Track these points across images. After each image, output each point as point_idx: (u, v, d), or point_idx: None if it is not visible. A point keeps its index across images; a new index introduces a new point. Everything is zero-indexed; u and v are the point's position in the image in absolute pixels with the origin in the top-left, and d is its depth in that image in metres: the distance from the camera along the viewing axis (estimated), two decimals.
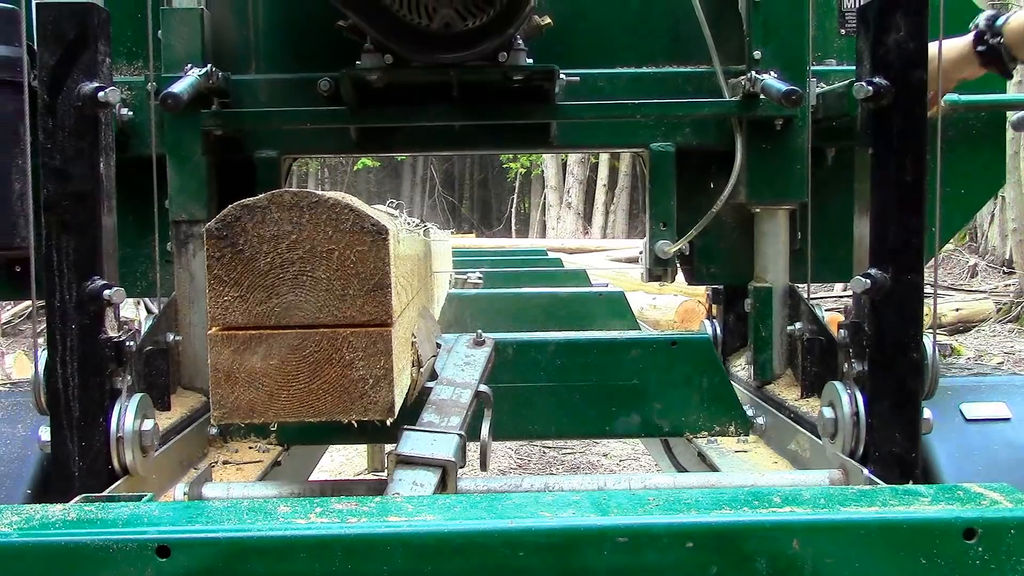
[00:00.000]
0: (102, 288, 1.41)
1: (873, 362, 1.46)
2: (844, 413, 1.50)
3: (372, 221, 1.16)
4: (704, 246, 2.07)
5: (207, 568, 0.96)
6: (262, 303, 1.16)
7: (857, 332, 1.50)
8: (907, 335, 1.45)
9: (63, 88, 1.42)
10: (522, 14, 1.62)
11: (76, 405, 1.40)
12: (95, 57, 1.44)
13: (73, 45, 1.43)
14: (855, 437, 1.49)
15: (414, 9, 1.57)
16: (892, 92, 1.44)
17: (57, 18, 1.42)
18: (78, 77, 1.42)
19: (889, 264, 1.45)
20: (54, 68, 1.43)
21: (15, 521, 1.00)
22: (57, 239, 1.42)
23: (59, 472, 1.41)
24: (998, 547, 0.98)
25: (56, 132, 1.42)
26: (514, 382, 1.80)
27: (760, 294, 1.98)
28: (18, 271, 1.96)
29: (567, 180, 20.99)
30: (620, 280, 7.14)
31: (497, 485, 1.47)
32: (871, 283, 1.45)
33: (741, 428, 1.87)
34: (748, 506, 1.03)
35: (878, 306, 1.46)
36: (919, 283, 1.46)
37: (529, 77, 1.77)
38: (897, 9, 1.43)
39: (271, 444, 1.82)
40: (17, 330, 7.70)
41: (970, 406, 1.55)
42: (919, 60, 1.44)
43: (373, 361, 1.17)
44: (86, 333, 1.40)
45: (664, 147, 1.99)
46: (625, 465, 4.91)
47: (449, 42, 1.61)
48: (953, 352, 6.94)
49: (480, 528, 0.99)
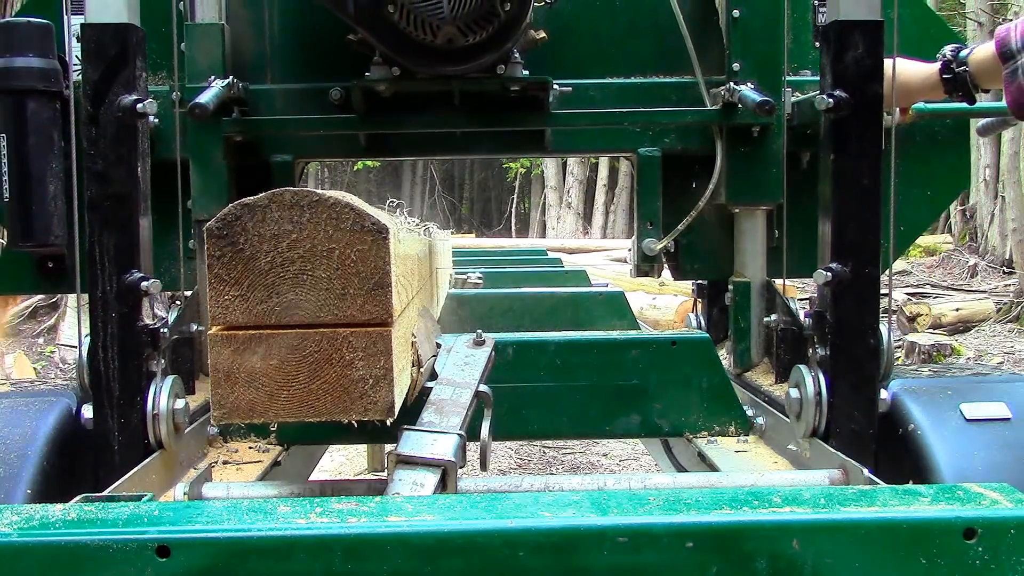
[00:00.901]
0: (139, 280, 1.57)
1: (834, 347, 1.62)
2: (808, 394, 1.64)
3: (372, 220, 1.16)
4: (688, 244, 2.22)
5: (207, 568, 0.96)
6: (263, 302, 1.16)
7: (820, 320, 1.66)
8: (864, 323, 1.61)
9: (105, 100, 1.58)
10: (518, 30, 1.76)
11: (116, 385, 1.56)
12: (134, 72, 1.60)
13: (114, 61, 1.59)
14: (818, 416, 1.64)
15: (419, 26, 1.70)
16: (850, 104, 1.60)
17: (100, 37, 1.58)
18: (118, 90, 1.58)
19: (848, 259, 1.61)
20: (97, 82, 1.58)
21: (15, 521, 1.00)
22: (99, 236, 1.57)
23: (100, 446, 1.56)
24: (998, 547, 0.98)
25: (98, 140, 1.58)
26: (514, 382, 1.80)
27: (739, 288, 2.12)
28: (51, 267, 2.13)
29: (567, 180, 21.00)
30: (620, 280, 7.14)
31: (497, 485, 1.47)
32: (832, 276, 1.61)
33: (741, 428, 1.87)
34: (748, 506, 1.03)
35: (838, 297, 1.61)
36: (876, 276, 1.62)
37: (525, 87, 1.92)
38: (855, 29, 1.59)
39: (271, 444, 1.82)
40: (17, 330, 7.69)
41: (970, 406, 1.55)
42: (875, 76, 1.60)
43: (373, 361, 1.17)
44: (125, 321, 1.56)
45: (651, 152, 2.13)
46: (625, 465, 4.91)
47: (451, 56, 1.76)
48: (953, 352, 6.94)
49: (480, 528, 0.99)
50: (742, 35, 2.05)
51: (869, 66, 1.60)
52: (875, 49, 1.60)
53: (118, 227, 1.58)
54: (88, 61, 1.60)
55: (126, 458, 1.54)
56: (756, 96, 1.88)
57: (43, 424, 1.52)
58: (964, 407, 1.54)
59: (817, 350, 1.67)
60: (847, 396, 1.61)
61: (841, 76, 1.61)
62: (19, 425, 1.53)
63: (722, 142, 2.08)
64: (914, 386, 1.62)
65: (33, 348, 7.51)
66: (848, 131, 1.62)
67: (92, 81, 1.59)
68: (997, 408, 1.54)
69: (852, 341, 1.62)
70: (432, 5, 1.67)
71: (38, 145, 1.97)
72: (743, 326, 2.11)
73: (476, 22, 1.70)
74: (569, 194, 20.88)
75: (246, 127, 2.04)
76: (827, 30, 1.65)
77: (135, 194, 1.60)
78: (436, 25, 1.70)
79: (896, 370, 1.76)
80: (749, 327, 2.11)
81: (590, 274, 4.39)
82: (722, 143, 2.08)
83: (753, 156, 2.06)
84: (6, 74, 1.96)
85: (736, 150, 2.07)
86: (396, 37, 1.73)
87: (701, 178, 2.12)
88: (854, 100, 1.60)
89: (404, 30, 1.71)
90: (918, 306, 8.38)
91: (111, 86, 1.59)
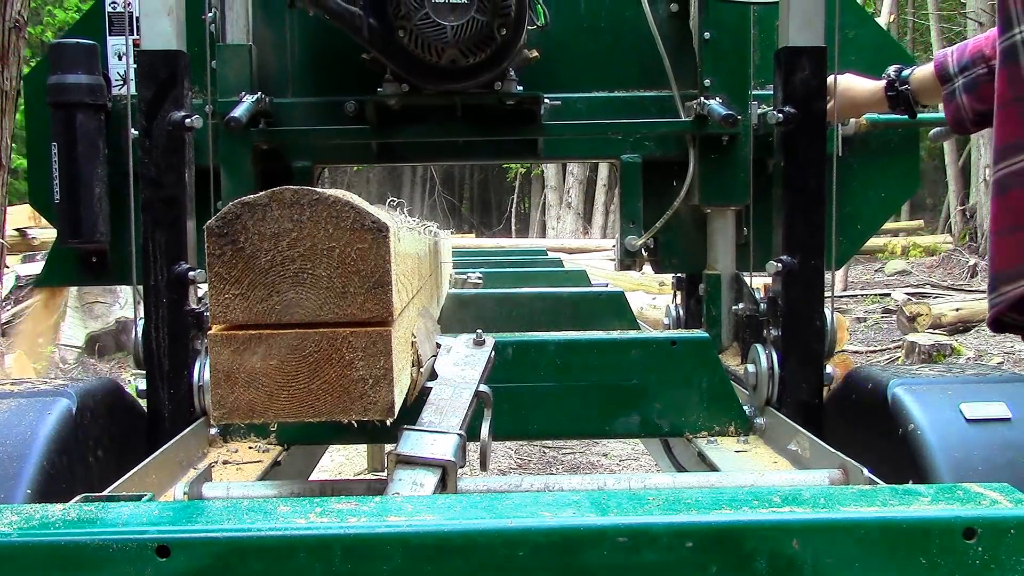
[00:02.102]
0: (187, 271, 1.82)
1: (785, 328, 1.88)
2: (763, 368, 1.90)
3: (373, 218, 1.16)
4: (666, 241, 2.47)
5: (207, 568, 0.96)
6: (263, 300, 1.16)
7: (773, 305, 1.92)
8: (811, 307, 1.86)
9: (157, 116, 1.83)
10: (513, 52, 2.00)
11: (166, 361, 1.81)
12: (182, 92, 1.85)
13: (165, 83, 1.84)
14: (771, 387, 1.88)
15: (426, 49, 1.94)
16: (798, 119, 1.84)
17: (153, 62, 1.83)
18: (169, 107, 1.83)
19: (797, 252, 1.86)
20: (150, 100, 1.83)
21: (15, 521, 1.00)
22: (152, 233, 1.82)
23: (152, 414, 1.83)
24: (998, 547, 0.98)
25: (152, 150, 1.84)
26: (514, 382, 1.80)
27: (711, 280, 2.39)
28: (94, 261, 2.37)
29: (567, 180, 20.98)
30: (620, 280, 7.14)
31: (497, 485, 1.47)
32: (782, 267, 1.87)
33: (741, 428, 1.87)
34: (748, 506, 1.03)
35: (788, 285, 1.87)
36: (820, 267, 1.86)
37: (519, 102, 2.16)
38: (802, 55, 1.83)
39: (271, 444, 1.83)
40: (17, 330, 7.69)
41: (970, 406, 1.54)
42: (820, 94, 1.84)
43: (373, 361, 1.17)
44: (174, 306, 1.81)
45: (632, 158, 2.38)
46: (625, 465, 4.91)
47: (454, 75, 2.00)
48: (953, 352, 6.94)
49: (480, 528, 0.99)
50: (712, 55, 2.31)
51: (814, 86, 1.84)
52: (819, 71, 1.84)
53: (168, 225, 1.82)
54: (143, 82, 1.84)
55: (175, 424, 1.77)
56: (722, 110, 2.13)
57: (43, 424, 1.52)
58: (964, 407, 1.54)
59: (771, 331, 1.92)
60: (796, 370, 1.85)
61: (790, 95, 1.84)
62: (19, 425, 1.52)
63: (695, 150, 2.33)
64: (914, 386, 1.62)
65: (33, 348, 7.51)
66: (796, 142, 1.86)
67: (146, 99, 1.83)
68: (997, 408, 1.54)
69: (800, 323, 1.86)
70: (437, 31, 1.91)
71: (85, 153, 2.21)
72: (714, 314, 2.37)
73: (476, 45, 1.95)
74: (569, 194, 20.86)
75: (272, 137, 2.28)
76: (778, 54, 1.88)
77: (183, 197, 1.83)
78: (441, 48, 1.94)
79: (896, 370, 1.77)
80: (720, 315, 2.36)
81: (590, 274, 4.39)
82: (695, 150, 2.33)
83: (723, 162, 2.31)
84: (58, 89, 2.20)
85: (708, 157, 2.32)
86: (405, 58, 1.98)
87: (677, 181, 2.36)
88: (801, 115, 1.84)
89: (412, 52, 1.95)
90: (918, 306, 8.37)
91: (163, 104, 1.84)
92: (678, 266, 2.56)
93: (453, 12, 1.90)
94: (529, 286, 3.64)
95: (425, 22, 1.91)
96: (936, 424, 1.50)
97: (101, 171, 2.23)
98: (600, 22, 2.42)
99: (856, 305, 10.49)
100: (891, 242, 14.38)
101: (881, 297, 10.60)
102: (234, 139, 2.15)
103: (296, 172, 2.34)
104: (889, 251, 14.07)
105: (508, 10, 1.93)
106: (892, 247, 14.10)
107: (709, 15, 2.31)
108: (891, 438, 1.58)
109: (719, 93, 2.28)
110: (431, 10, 1.91)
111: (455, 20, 1.91)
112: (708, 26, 2.30)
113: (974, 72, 1.84)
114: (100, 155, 2.23)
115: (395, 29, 1.93)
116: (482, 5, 1.91)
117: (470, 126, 2.27)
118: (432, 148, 2.45)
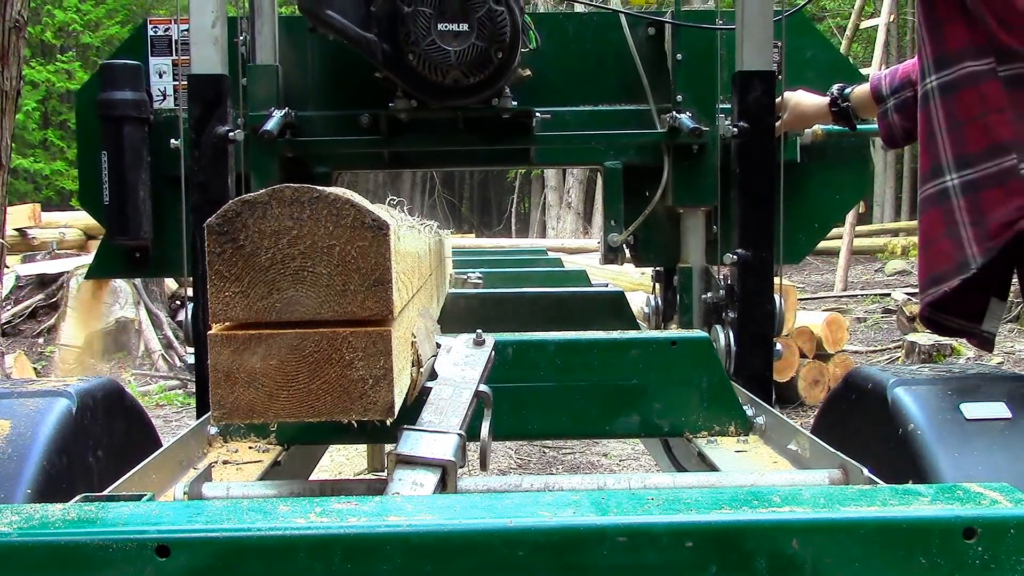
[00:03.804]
0: None
1: (740, 311, 2.17)
2: (721, 346, 2.19)
3: (373, 216, 1.15)
4: (645, 238, 2.76)
5: (207, 567, 0.96)
6: (263, 298, 1.15)
7: (730, 292, 2.22)
8: (762, 294, 2.15)
9: (205, 130, 2.13)
10: (508, 72, 2.29)
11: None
12: (225, 109, 2.15)
13: (211, 102, 2.14)
14: (728, 362, 2.16)
15: (432, 70, 2.22)
16: (750, 132, 2.13)
17: (201, 84, 2.14)
18: (215, 123, 2.14)
19: (750, 246, 2.14)
20: (199, 117, 2.13)
21: (15, 521, 1.00)
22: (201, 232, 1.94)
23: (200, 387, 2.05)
24: (998, 547, 0.98)
25: (201, 159, 2.13)
26: (514, 382, 1.80)
27: (684, 273, 2.67)
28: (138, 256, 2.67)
29: (567, 180, 20.97)
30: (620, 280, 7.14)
31: (497, 485, 1.47)
32: (738, 258, 2.16)
33: (741, 428, 1.87)
34: (748, 506, 1.03)
35: (742, 275, 2.16)
36: (770, 259, 2.16)
37: (514, 115, 2.45)
38: (754, 78, 2.13)
39: (271, 444, 1.82)
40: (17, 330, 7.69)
41: (970, 406, 1.54)
42: (770, 111, 2.14)
43: (373, 361, 1.17)
44: None
45: (614, 164, 2.64)
46: (625, 465, 4.91)
47: (457, 92, 2.29)
48: (953, 352, 6.94)
49: (480, 528, 0.99)
50: (684, 74, 2.61)
51: (765, 104, 2.13)
52: (769, 91, 2.13)
53: None
54: (192, 101, 2.14)
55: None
56: (690, 123, 2.46)
57: (43, 424, 1.52)
58: (964, 407, 1.54)
59: (728, 313, 2.22)
60: (749, 347, 2.12)
61: (744, 112, 2.13)
62: (19, 425, 1.53)
63: (669, 157, 2.62)
64: (914, 386, 1.62)
65: (33, 348, 7.51)
66: (749, 152, 2.15)
67: (195, 116, 2.13)
68: (997, 408, 1.54)
69: (752, 307, 2.16)
70: (442, 55, 2.19)
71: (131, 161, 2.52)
72: (687, 302, 2.64)
73: (476, 67, 2.23)
74: (569, 194, 20.85)
75: (297, 146, 2.56)
76: (734, 77, 2.17)
77: (226, 198, 1.97)
78: (445, 70, 2.22)
79: (896, 370, 1.77)
80: (691, 303, 2.63)
81: (590, 274, 4.38)
82: (669, 158, 2.62)
83: (693, 168, 2.58)
84: (107, 104, 2.52)
85: (680, 163, 2.60)
86: (414, 78, 2.25)
87: (653, 185, 2.64)
88: (753, 129, 2.12)
89: (420, 73, 2.23)
90: (918, 306, 8.36)
91: (209, 120, 2.13)
92: (655, 260, 2.85)
93: (456, 39, 2.18)
94: (529, 286, 3.64)
95: (432, 47, 2.19)
96: (936, 424, 1.50)
97: (145, 177, 2.53)
98: (585, 44, 2.72)
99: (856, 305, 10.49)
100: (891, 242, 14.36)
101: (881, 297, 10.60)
102: (264, 148, 2.40)
103: (317, 177, 2.60)
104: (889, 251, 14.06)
105: (504, 36, 2.20)
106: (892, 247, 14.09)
107: (681, 39, 2.60)
108: (891, 438, 1.58)
109: (689, 107, 2.58)
110: (437, 37, 2.18)
111: (458, 46, 2.19)
112: (680, 48, 2.60)
113: (903, 95, 2.11)
114: (144, 162, 2.53)
115: (405, 53, 2.21)
116: (481, 32, 2.18)
117: (471, 136, 2.55)
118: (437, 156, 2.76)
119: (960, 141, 1.79)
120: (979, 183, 1.76)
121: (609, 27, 2.70)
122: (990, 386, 1.64)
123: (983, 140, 1.75)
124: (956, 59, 1.78)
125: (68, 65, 20.07)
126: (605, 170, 2.66)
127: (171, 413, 6.57)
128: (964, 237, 1.78)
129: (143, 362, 7.69)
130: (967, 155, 1.77)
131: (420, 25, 2.18)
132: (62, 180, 19.36)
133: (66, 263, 8.18)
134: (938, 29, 1.80)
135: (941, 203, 1.82)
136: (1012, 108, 1.71)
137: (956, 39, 1.77)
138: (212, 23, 2.12)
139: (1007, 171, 1.72)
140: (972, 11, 1.72)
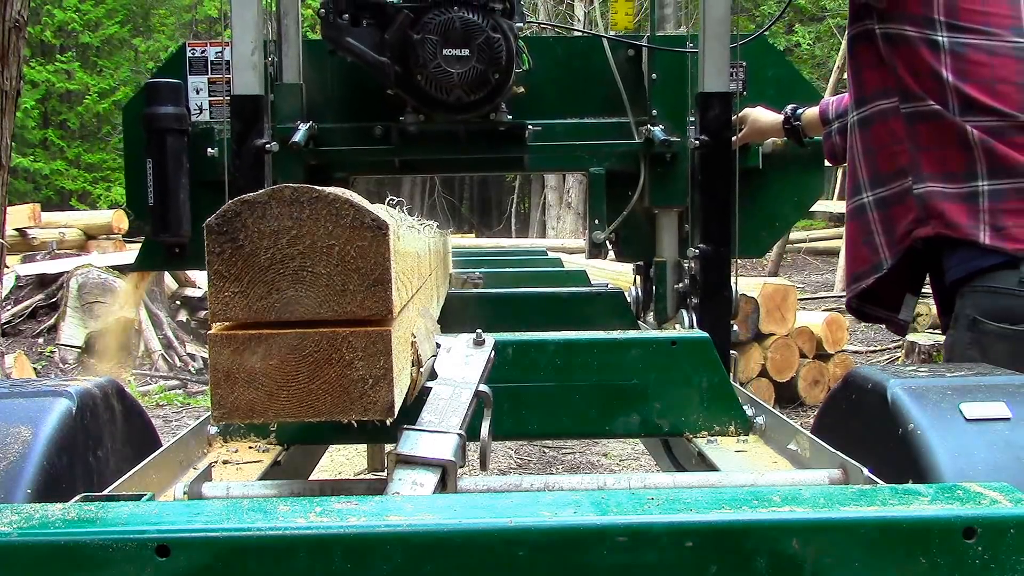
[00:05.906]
0: None
1: (702, 298, 2.50)
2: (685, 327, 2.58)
3: (372, 216, 1.15)
4: (625, 235, 3.06)
5: (207, 567, 0.96)
6: (263, 298, 1.15)
7: (693, 282, 2.56)
8: (720, 283, 2.47)
9: (245, 142, 2.50)
10: (505, 91, 2.64)
11: None
12: (263, 124, 2.51)
13: (250, 119, 2.50)
14: None
15: (438, 89, 2.57)
16: (709, 144, 2.45)
17: (243, 103, 2.50)
18: (254, 136, 2.50)
19: (710, 242, 2.47)
20: (240, 131, 2.50)
21: (15, 521, 1.00)
22: None
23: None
24: (998, 547, 0.98)
25: (242, 167, 2.49)
26: (514, 382, 1.80)
27: (660, 266, 2.95)
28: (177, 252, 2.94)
29: (567, 180, 20.94)
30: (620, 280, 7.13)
31: (497, 485, 1.47)
32: (699, 252, 2.50)
33: (741, 428, 1.87)
34: (748, 506, 1.03)
35: (703, 266, 2.49)
36: (727, 254, 2.47)
37: (510, 128, 2.81)
38: (713, 98, 2.44)
39: (271, 444, 1.82)
40: (17, 330, 7.70)
41: (970, 406, 1.54)
42: (727, 127, 2.47)
43: (373, 361, 1.17)
44: None
45: (598, 170, 2.93)
46: (625, 465, 4.91)
47: (459, 108, 2.65)
48: None
49: (480, 527, 0.99)
50: (658, 91, 2.93)
51: (723, 120, 2.45)
52: (726, 109, 2.45)
53: None
54: (235, 118, 2.51)
55: None
56: (661, 135, 2.82)
57: (43, 424, 1.52)
58: (964, 407, 1.54)
59: (692, 300, 2.57)
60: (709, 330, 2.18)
61: (705, 127, 2.45)
62: (19, 425, 1.52)
63: (645, 164, 2.92)
64: (914, 386, 1.62)
65: (33, 348, 7.52)
66: (709, 162, 2.47)
67: (237, 131, 2.49)
68: (997, 408, 1.54)
69: (712, 294, 2.48)
70: (447, 76, 2.54)
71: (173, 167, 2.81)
72: (661, 292, 2.92)
73: (476, 86, 2.57)
74: (569, 194, 20.83)
75: (320, 155, 2.86)
76: (696, 97, 2.49)
77: None
78: (449, 89, 2.57)
79: (896, 370, 1.77)
80: (665, 293, 2.91)
81: (590, 274, 4.38)
82: (645, 165, 2.92)
83: (667, 173, 2.89)
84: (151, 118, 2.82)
85: (655, 169, 2.90)
86: (422, 95, 2.61)
87: (632, 188, 2.94)
88: (712, 142, 2.44)
89: (427, 91, 2.58)
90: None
91: (249, 134, 2.49)
92: (635, 255, 3.17)
93: (459, 62, 2.53)
94: (529, 286, 3.64)
95: (438, 70, 2.53)
96: (936, 424, 1.50)
97: (185, 181, 2.83)
98: (572, 65, 3.06)
99: None
100: None
101: None
102: (291, 157, 2.68)
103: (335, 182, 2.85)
104: None
105: (500, 60, 2.54)
106: None
107: (655, 60, 2.94)
108: (891, 438, 1.57)
109: (663, 121, 2.89)
110: (442, 61, 2.53)
111: (460, 68, 2.53)
112: (655, 69, 2.93)
113: (844, 120, 2.42)
114: (184, 169, 2.83)
115: (414, 74, 2.55)
116: (481, 57, 2.52)
117: (471, 146, 2.86)
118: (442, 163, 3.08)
119: (874, 165, 2.20)
120: (888, 200, 2.17)
121: (593, 50, 3.06)
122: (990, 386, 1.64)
123: (890, 165, 2.15)
124: (871, 99, 2.18)
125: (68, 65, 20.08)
126: (590, 175, 2.95)
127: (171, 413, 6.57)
128: (879, 244, 2.20)
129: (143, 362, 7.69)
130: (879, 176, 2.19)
131: (427, 51, 2.52)
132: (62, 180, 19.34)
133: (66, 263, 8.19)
134: (859, 74, 2.22)
135: (860, 216, 2.23)
136: (908, 140, 2.10)
137: (872, 82, 2.18)
138: (252, 51, 2.46)
139: (906, 191, 2.13)
140: (887, 61, 2.11)
